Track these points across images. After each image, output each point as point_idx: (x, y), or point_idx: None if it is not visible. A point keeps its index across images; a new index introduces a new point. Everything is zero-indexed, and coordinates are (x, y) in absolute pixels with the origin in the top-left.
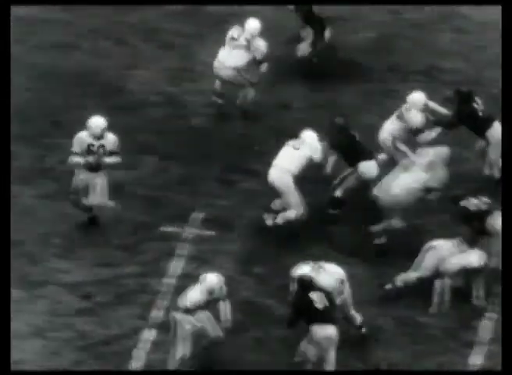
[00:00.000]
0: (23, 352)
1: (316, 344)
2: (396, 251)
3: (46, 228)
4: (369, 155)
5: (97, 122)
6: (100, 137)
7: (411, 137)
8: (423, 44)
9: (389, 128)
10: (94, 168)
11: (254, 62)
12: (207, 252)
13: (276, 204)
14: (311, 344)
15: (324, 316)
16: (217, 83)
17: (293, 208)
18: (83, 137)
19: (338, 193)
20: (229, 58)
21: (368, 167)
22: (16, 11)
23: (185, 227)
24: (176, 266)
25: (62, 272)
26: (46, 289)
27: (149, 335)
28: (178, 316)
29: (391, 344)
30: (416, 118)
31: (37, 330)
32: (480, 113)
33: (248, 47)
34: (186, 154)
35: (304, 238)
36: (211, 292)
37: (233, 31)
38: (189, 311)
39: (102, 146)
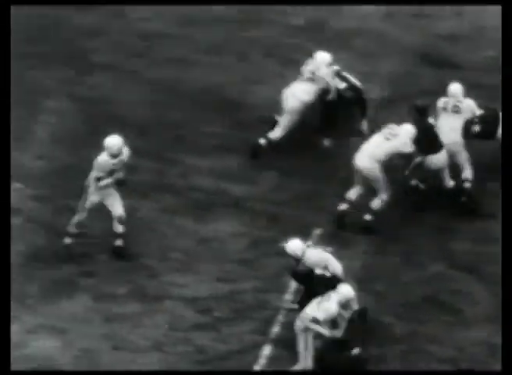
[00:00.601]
0: (140, 366)
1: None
2: None
3: (165, 242)
4: (440, 147)
5: (114, 141)
6: (118, 155)
7: None
8: None
9: (457, 126)
10: (122, 182)
11: (320, 94)
12: None
13: (351, 194)
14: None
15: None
16: (281, 122)
17: (381, 192)
18: (103, 160)
19: (414, 182)
20: (299, 90)
21: (438, 159)
22: (141, 26)
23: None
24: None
25: (181, 286)
26: (164, 303)
27: (268, 351)
28: (307, 325)
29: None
30: (474, 105)
31: (156, 344)
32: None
33: (313, 79)
34: (307, 170)
35: (423, 254)
36: (344, 304)
37: (308, 64)
38: (318, 322)
39: (121, 162)
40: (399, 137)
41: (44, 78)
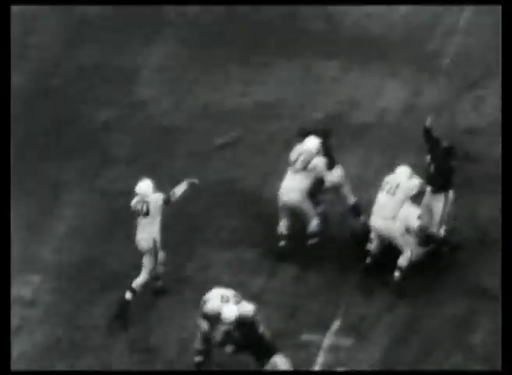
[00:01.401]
0: None
1: None
2: None
3: (184, 334)
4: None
5: (142, 184)
6: (143, 196)
7: None
8: None
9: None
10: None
11: (318, 185)
12: (344, 360)
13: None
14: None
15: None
16: (282, 223)
17: (405, 249)
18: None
19: (442, 232)
20: (293, 182)
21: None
22: (159, 120)
23: (323, 336)
24: None
25: None
26: None
27: None
28: None
29: None
30: None
31: None
32: None
33: (306, 168)
34: (325, 262)
35: (441, 346)
36: None
37: (292, 154)
38: None
39: (146, 202)
40: (400, 187)
41: (63, 171)
